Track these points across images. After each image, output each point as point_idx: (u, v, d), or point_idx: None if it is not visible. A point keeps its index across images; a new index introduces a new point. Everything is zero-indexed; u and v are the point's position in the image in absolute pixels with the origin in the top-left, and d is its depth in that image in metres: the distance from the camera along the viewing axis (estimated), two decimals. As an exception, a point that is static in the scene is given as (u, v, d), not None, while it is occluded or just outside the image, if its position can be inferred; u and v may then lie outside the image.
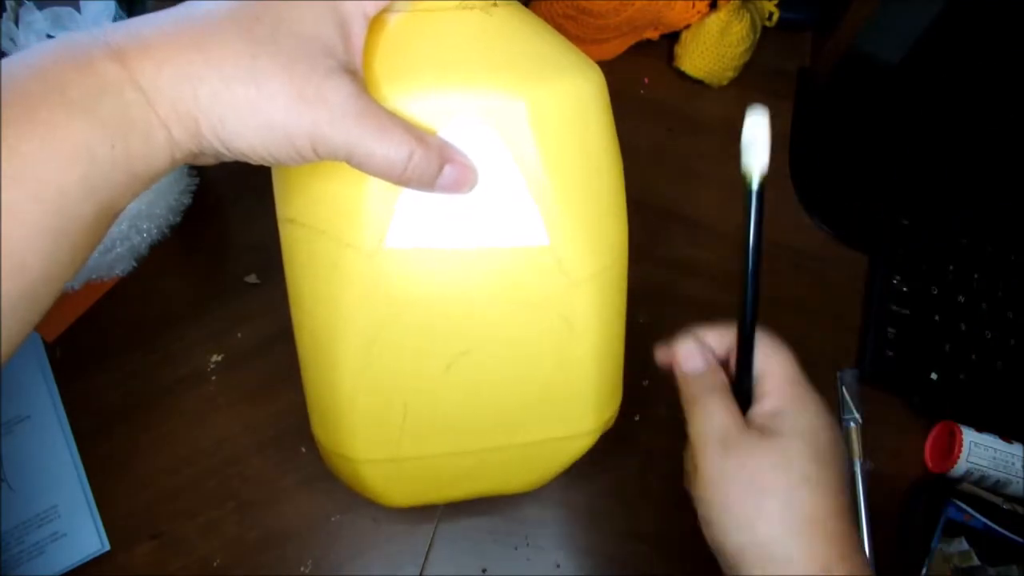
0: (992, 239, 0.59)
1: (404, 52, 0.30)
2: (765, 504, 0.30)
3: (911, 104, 0.67)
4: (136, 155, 0.25)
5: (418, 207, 0.31)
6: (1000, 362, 0.54)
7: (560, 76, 0.32)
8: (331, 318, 0.33)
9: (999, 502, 0.49)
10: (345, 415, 0.35)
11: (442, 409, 0.36)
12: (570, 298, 0.34)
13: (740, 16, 0.61)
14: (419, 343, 0.33)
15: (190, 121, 0.25)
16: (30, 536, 0.46)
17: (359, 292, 0.32)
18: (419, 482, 0.39)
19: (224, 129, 0.26)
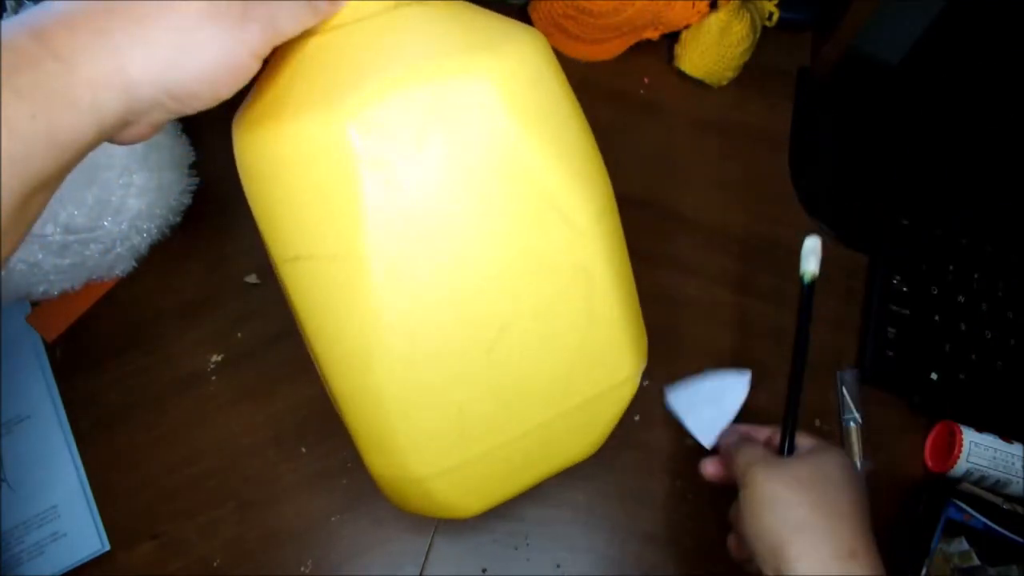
0: (992, 239, 0.58)
1: (357, 62, 0.31)
2: (803, 496, 0.36)
3: (911, 104, 0.67)
4: (60, 125, 0.25)
5: (420, 201, 0.31)
6: (1000, 362, 0.54)
7: (516, 41, 0.33)
8: (364, 340, 0.32)
9: (999, 502, 0.49)
10: (401, 434, 0.35)
11: (493, 395, 0.35)
12: (581, 248, 0.35)
13: (740, 16, 0.61)
14: (456, 335, 0.33)
15: (117, 78, 0.25)
16: (30, 536, 0.46)
17: (387, 305, 0.32)
18: (488, 481, 0.38)
19: (163, 74, 0.26)
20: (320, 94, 0.30)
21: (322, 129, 0.30)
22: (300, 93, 0.31)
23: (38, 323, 0.52)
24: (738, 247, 0.58)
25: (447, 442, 0.35)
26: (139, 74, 0.26)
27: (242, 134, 0.33)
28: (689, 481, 0.50)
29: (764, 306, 0.56)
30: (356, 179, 0.30)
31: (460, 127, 0.31)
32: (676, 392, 0.49)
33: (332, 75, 0.31)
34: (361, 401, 0.35)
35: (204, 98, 0.28)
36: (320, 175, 0.30)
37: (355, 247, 0.31)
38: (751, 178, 0.61)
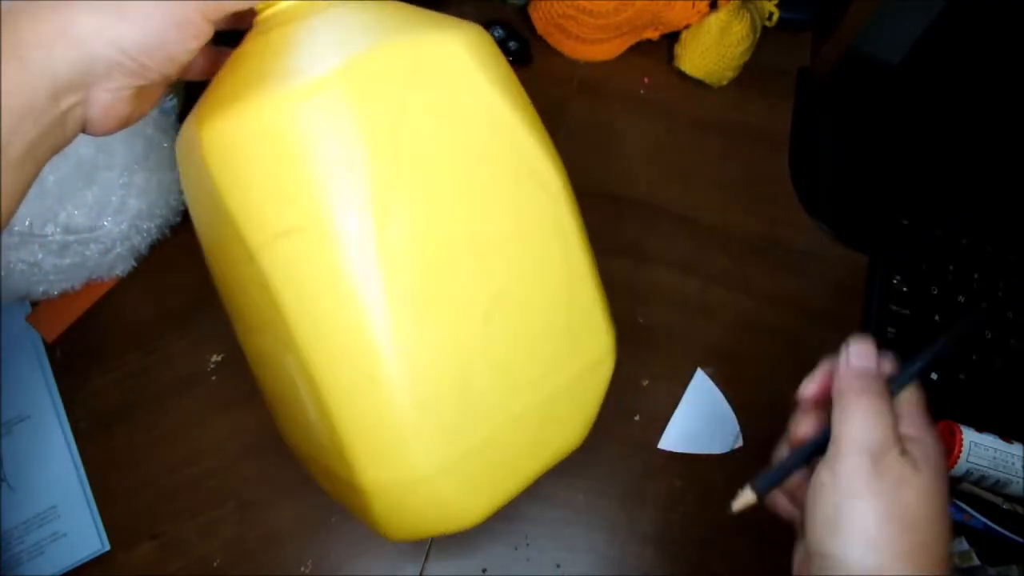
0: (992, 239, 0.58)
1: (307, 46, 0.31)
2: (905, 536, 0.28)
3: (911, 104, 0.67)
4: (11, 87, 0.25)
5: (411, 165, 0.31)
6: (1000, 362, 0.54)
7: (466, 25, 0.34)
8: (359, 321, 0.31)
9: (999, 502, 0.49)
10: (406, 425, 0.32)
11: (492, 369, 0.34)
12: (557, 212, 0.36)
13: (740, 16, 0.61)
14: (454, 305, 0.32)
15: (66, 34, 0.25)
16: (30, 536, 0.46)
17: (381, 276, 0.30)
18: (490, 476, 0.35)
19: (112, 28, 0.26)
20: (272, 77, 0.30)
21: (274, 108, 0.30)
22: (253, 79, 0.31)
23: (38, 323, 0.52)
24: (738, 247, 0.58)
25: (452, 428, 0.33)
26: (88, 30, 0.26)
27: (203, 124, 0.31)
28: (689, 481, 0.50)
29: (763, 306, 0.56)
30: (313, 152, 0.30)
31: (439, 89, 0.32)
32: (667, 436, 0.50)
33: (283, 61, 0.31)
34: (357, 396, 0.32)
35: (157, 56, 0.28)
36: (280, 154, 0.30)
37: (319, 219, 0.30)
38: (751, 178, 0.61)
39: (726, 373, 0.53)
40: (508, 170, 0.34)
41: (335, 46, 0.31)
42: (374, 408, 0.32)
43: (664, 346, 0.54)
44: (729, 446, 0.51)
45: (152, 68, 0.28)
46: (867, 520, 0.28)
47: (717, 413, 0.52)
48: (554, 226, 0.36)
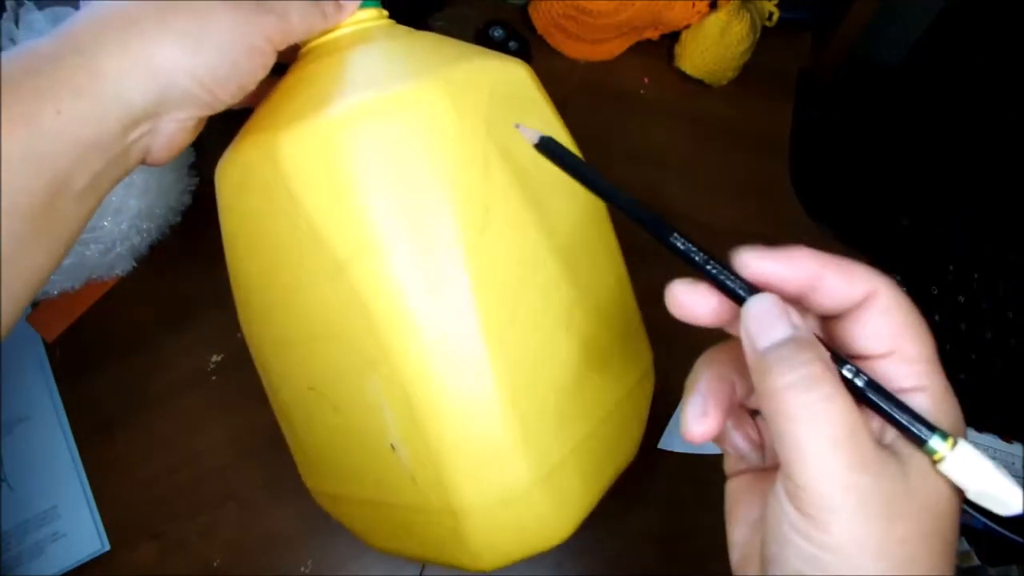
0: (992, 239, 0.59)
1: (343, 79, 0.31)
2: None
3: (911, 105, 0.67)
4: (84, 118, 0.25)
5: (492, 178, 0.31)
6: (1000, 362, 0.54)
7: (502, 58, 0.35)
8: (463, 329, 0.30)
9: (999, 502, 0.49)
10: (511, 437, 0.31)
11: (575, 376, 0.33)
12: (606, 229, 0.38)
13: (740, 16, 0.61)
14: (542, 311, 0.32)
15: (144, 66, 0.26)
16: (30, 536, 0.46)
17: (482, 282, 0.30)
18: (576, 484, 0.34)
19: (188, 59, 0.27)
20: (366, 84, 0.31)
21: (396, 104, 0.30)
22: (339, 89, 0.31)
23: (38, 323, 0.52)
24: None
25: (547, 438, 0.32)
26: (165, 61, 0.26)
27: (284, 138, 0.30)
28: (689, 481, 0.49)
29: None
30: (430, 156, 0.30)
31: (512, 107, 0.33)
32: (667, 436, 0.50)
33: (367, 73, 0.32)
34: (460, 407, 0.30)
35: (229, 85, 0.29)
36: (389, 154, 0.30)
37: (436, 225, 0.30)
38: (751, 178, 0.61)
39: (726, 373, 0.53)
40: (566, 185, 0.33)
41: (406, 66, 0.31)
42: (477, 422, 0.30)
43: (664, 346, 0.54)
44: None
45: (221, 98, 0.29)
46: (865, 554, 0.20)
47: None
48: (605, 240, 0.37)
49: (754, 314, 0.23)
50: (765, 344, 0.22)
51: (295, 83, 0.33)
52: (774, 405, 0.21)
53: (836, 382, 0.20)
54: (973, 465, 0.21)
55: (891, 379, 0.22)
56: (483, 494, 0.31)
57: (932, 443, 0.21)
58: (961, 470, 0.21)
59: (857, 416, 0.20)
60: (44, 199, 0.25)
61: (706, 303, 0.25)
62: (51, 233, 0.26)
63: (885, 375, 0.22)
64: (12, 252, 0.24)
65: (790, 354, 0.21)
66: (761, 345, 0.22)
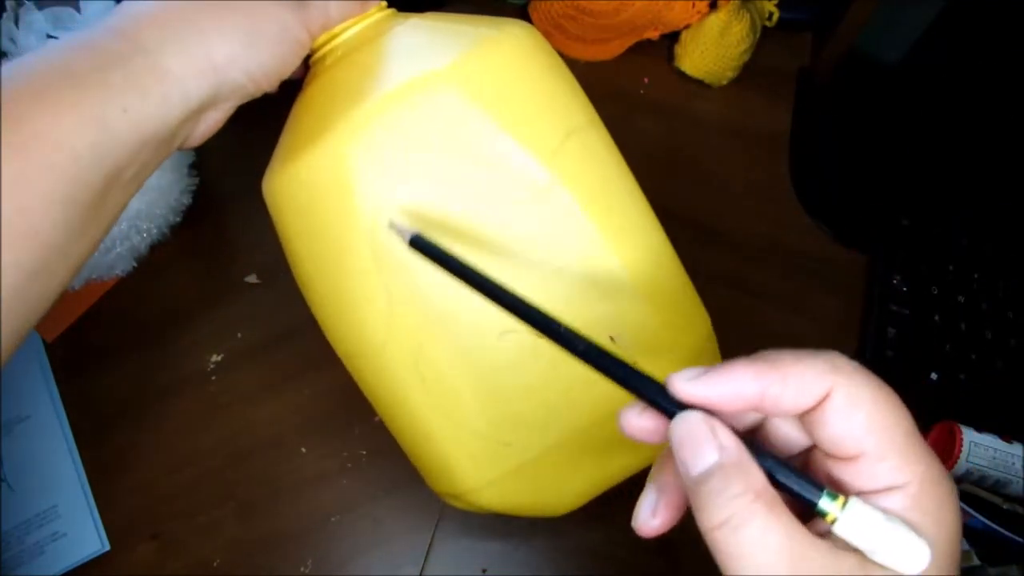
0: (992, 239, 0.58)
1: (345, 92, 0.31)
2: None
3: (911, 104, 0.67)
4: (148, 116, 0.26)
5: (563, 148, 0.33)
6: (1000, 362, 0.54)
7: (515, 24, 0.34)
8: None
9: (999, 502, 0.49)
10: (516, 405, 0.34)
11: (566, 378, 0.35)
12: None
13: (740, 16, 0.61)
14: None
15: (206, 65, 0.27)
16: (30, 536, 0.46)
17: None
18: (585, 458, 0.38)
19: (243, 55, 0.28)
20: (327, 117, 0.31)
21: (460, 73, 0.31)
22: (311, 123, 0.32)
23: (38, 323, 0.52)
24: (738, 247, 0.58)
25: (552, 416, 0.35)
26: (223, 58, 0.28)
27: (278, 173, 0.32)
28: (689, 481, 0.49)
29: (763, 306, 0.56)
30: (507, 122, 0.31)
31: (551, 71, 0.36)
32: None
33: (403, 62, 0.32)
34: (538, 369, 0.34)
35: (273, 75, 0.30)
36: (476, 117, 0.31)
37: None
38: (751, 178, 0.61)
39: (726, 373, 0.53)
40: None
41: (443, 41, 0.32)
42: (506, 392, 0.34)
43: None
44: None
45: (264, 87, 0.31)
46: None
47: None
48: None
49: (679, 437, 0.21)
50: (694, 472, 0.21)
51: (326, 89, 0.32)
52: (712, 543, 0.21)
53: (769, 510, 0.20)
54: (867, 521, 0.19)
55: (864, 482, 0.20)
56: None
57: (822, 504, 0.20)
58: (856, 529, 0.19)
59: (797, 538, 0.19)
60: (100, 192, 0.25)
61: (654, 426, 0.23)
62: (100, 221, 0.27)
63: (859, 478, 0.20)
64: (65, 241, 0.25)
65: (719, 486, 0.20)
66: (692, 472, 0.21)
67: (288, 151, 0.32)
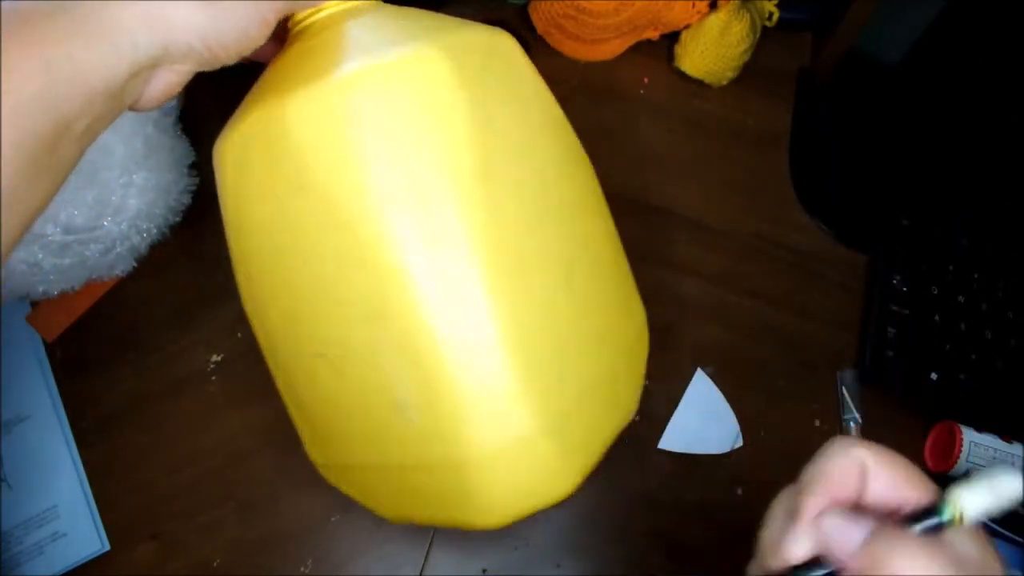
0: (992, 239, 0.58)
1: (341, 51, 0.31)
2: None
3: (911, 104, 0.67)
4: (96, 64, 0.25)
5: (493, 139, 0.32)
6: (1000, 362, 0.54)
7: (481, 27, 0.35)
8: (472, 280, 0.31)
9: (999, 502, 0.49)
10: (516, 386, 0.32)
11: (577, 327, 0.35)
12: (598, 192, 0.40)
13: (740, 16, 0.61)
14: (546, 262, 0.34)
15: (159, 19, 0.26)
16: (30, 536, 0.46)
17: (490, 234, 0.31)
18: (580, 438, 0.36)
19: (201, 18, 0.27)
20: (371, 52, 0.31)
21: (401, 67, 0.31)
22: (340, 60, 0.31)
23: (38, 323, 0.52)
24: (738, 247, 0.58)
25: (552, 388, 0.33)
26: (179, 20, 0.27)
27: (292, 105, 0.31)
28: (689, 481, 0.50)
29: (763, 306, 0.56)
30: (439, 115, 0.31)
31: (504, 74, 0.34)
32: (667, 436, 0.50)
33: (368, 45, 0.32)
34: (469, 357, 0.31)
35: (231, 47, 0.29)
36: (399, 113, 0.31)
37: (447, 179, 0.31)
38: (751, 178, 0.61)
39: (726, 373, 0.53)
40: (560, 149, 0.36)
41: (404, 34, 0.32)
42: (481, 372, 0.31)
43: (664, 346, 0.54)
44: (729, 446, 0.51)
45: (221, 58, 0.30)
46: None
47: (717, 413, 0.52)
48: (598, 201, 0.39)
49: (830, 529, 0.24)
50: None
51: (293, 60, 0.33)
52: None
53: None
54: (978, 495, 0.23)
55: None
56: (489, 443, 0.32)
57: (945, 516, 0.23)
58: (977, 505, 0.23)
59: None
60: (49, 141, 0.25)
61: None
62: (49, 173, 0.26)
63: None
64: (13, 190, 0.24)
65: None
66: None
67: (240, 113, 0.32)
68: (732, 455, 0.50)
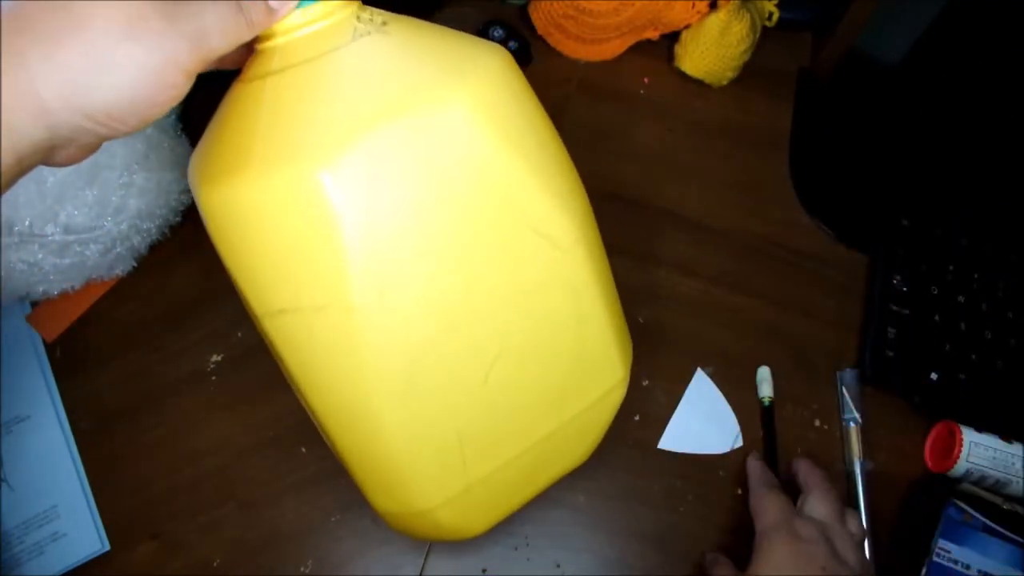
0: (992, 239, 0.58)
1: (321, 102, 0.29)
2: None
3: (911, 104, 0.67)
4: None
5: (404, 240, 0.30)
6: (1000, 362, 0.54)
7: (482, 61, 0.32)
8: (359, 387, 0.32)
9: (999, 502, 0.49)
10: (404, 473, 0.35)
11: (491, 420, 0.36)
12: (568, 267, 0.35)
13: (740, 16, 0.61)
14: (453, 368, 0.33)
15: (31, 102, 0.23)
16: (30, 536, 0.46)
17: (380, 348, 0.31)
18: (490, 501, 0.39)
19: (79, 96, 0.23)
20: (288, 141, 0.29)
21: (296, 180, 0.28)
22: (266, 140, 0.29)
23: (38, 323, 0.52)
24: (738, 247, 0.58)
25: (449, 472, 0.36)
26: (53, 97, 0.23)
27: (207, 187, 0.30)
28: (689, 481, 0.50)
29: (763, 306, 0.56)
30: (335, 228, 0.29)
31: (437, 160, 0.30)
32: (667, 436, 0.50)
33: (297, 119, 0.29)
34: (362, 446, 0.34)
35: (129, 121, 0.25)
36: (297, 227, 0.29)
37: (341, 296, 0.30)
38: (751, 178, 0.61)
39: (726, 373, 0.53)
40: (511, 234, 0.33)
41: (344, 109, 0.29)
42: (376, 461, 0.35)
43: (664, 346, 0.54)
44: (729, 446, 0.51)
45: (123, 130, 0.26)
46: None
47: (717, 413, 0.52)
48: (562, 279, 0.35)
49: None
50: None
51: (240, 101, 0.30)
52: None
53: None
54: None
55: None
56: (389, 507, 0.37)
57: None
58: None
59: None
60: None
61: None
62: None
63: None
64: None
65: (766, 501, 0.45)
66: None
67: (244, 161, 0.29)
68: (732, 455, 0.50)
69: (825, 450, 0.51)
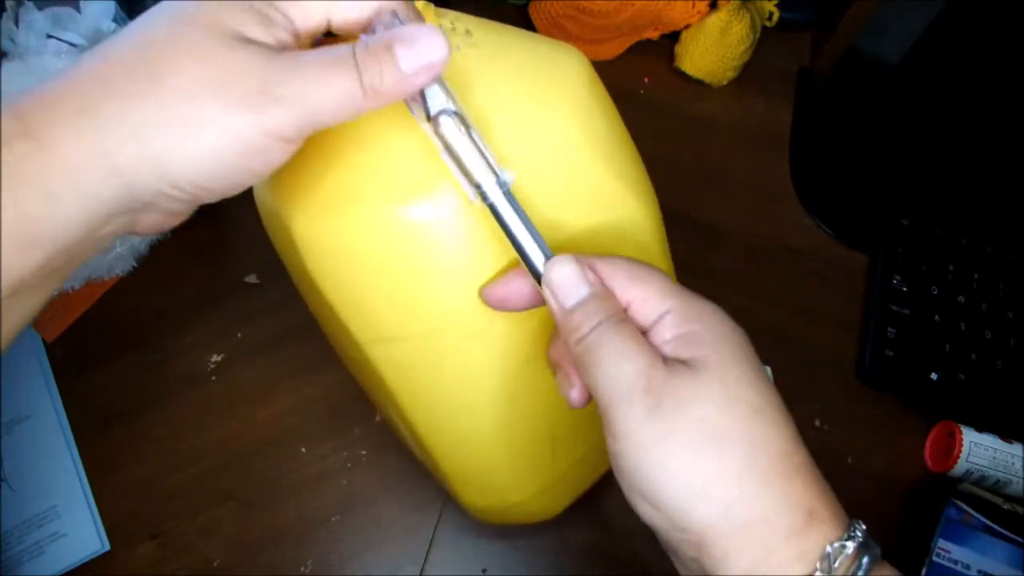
0: (992, 239, 0.58)
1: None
2: (726, 455, 0.24)
3: (911, 104, 0.67)
4: (35, 216, 0.20)
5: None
6: (1000, 362, 0.54)
7: (571, 74, 0.32)
8: (465, 402, 0.33)
9: (999, 502, 0.49)
10: (506, 471, 0.36)
11: (577, 418, 0.36)
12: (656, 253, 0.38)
13: (740, 16, 0.61)
14: (547, 377, 0.33)
15: (101, 163, 0.21)
16: (30, 536, 0.46)
17: (486, 366, 0.32)
18: (571, 485, 0.41)
19: (157, 160, 0.21)
20: (398, 173, 0.28)
21: (414, 215, 0.28)
22: (373, 172, 0.28)
23: (38, 323, 0.52)
24: (738, 247, 0.58)
25: (541, 469, 0.38)
26: (128, 160, 0.21)
27: (305, 220, 0.29)
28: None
29: (763, 306, 0.56)
30: (456, 260, 0.29)
31: (546, 176, 0.30)
32: None
33: (405, 148, 0.28)
34: (462, 454, 0.36)
35: (215, 188, 0.23)
36: (414, 260, 0.29)
37: (459, 323, 0.30)
38: (751, 178, 0.61)
39: (726, 373, 0.53)
40: (602, 236, 0.33)
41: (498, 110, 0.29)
42: (476, 461, 0.36)
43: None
44: None
45: (208, 199, 0.23)
46: (673, 464, 0.24)
47: None
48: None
49: (557, 278, 0.26)
50: (569, 304, 0.26)
51: (373, 129, 0.29)
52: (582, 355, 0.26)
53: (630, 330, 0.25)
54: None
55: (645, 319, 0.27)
56: (483, 503, 0.39)
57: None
58: None
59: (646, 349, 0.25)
60: None
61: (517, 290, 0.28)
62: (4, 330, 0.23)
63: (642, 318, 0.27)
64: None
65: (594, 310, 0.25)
66: (567, 304, 0.26)
67: (351, 195, 0.28)
68: (732, 455, 0.50)
69: (825, 450, 0.51)
